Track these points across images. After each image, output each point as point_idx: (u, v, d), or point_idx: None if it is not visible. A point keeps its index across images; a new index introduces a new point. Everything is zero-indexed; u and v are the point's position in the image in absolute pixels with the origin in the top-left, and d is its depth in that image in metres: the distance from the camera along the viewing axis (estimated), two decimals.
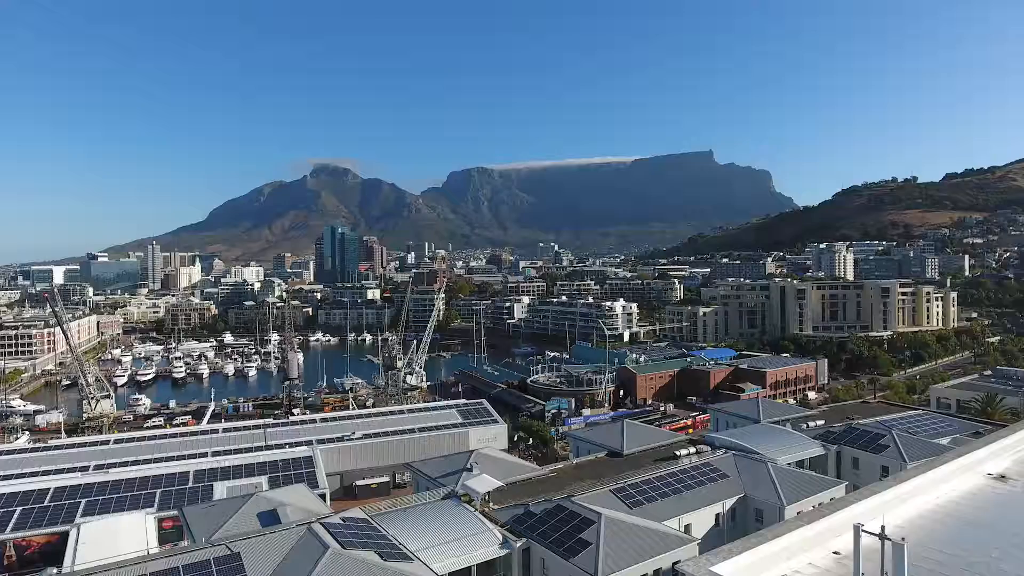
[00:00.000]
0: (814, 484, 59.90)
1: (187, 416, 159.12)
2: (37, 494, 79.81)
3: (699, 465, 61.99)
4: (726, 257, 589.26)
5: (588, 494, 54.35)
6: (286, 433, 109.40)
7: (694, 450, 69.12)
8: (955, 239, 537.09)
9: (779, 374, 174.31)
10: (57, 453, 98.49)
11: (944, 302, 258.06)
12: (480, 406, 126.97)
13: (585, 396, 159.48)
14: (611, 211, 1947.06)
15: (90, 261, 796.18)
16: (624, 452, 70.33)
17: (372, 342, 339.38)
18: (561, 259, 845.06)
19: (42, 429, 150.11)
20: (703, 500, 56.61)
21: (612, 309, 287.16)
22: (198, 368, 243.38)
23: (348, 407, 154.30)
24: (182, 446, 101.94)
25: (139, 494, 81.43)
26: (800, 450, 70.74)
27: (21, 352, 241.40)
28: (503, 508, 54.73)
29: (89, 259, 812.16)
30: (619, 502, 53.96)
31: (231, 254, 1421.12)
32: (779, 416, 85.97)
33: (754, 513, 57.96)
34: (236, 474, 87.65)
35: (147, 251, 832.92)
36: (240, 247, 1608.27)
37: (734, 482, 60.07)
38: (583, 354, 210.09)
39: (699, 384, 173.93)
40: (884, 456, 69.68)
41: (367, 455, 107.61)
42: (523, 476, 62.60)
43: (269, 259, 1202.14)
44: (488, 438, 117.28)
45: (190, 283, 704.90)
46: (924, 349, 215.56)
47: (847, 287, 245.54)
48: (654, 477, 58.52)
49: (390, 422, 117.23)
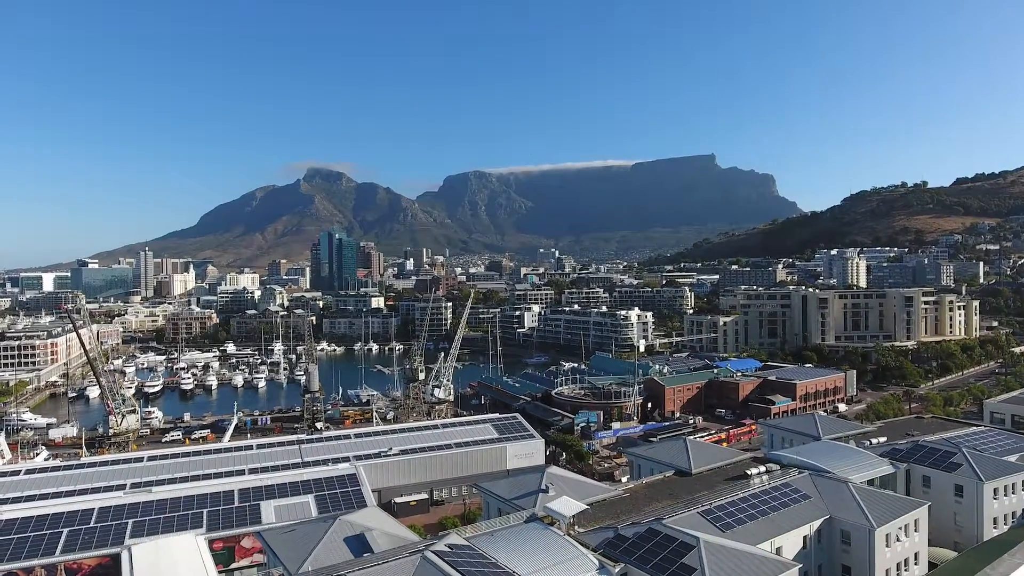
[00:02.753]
0: (898, 505, 60.17)
1: (206, 431, 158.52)
2: (82, 514, 79.54)
3: (779, 486, 62.23)
4: (735, 264, 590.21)
5: (677, 516, 54.51)
6: (322, 449, 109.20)
7: (763, 469, 69.46)
8: (968, 245, 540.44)
9: (808, 386, 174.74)
10: (91, 471, 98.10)
11: (966, 311, 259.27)
12: (514, 420, 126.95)
13: (613, 409, 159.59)
14: (611, 216, 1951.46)
15: (81, 268, 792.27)
16: (693, 471, 70.58)
17: (379, 352, 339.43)
18: (564, 265, 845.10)
19: (58, 443, 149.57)
20: (791, 522, 56.83)
21: (627, 318, 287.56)
22: (206, 379, 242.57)
23: (372, 420, 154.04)
24: (218, 463, 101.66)
25: (186, 514, 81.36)
26: (870, 468, 70.97)
27: (24, 363, 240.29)
28: (589, 531, 54.88)
29: (80, 266, 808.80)
30: (709, 524, 54.15)
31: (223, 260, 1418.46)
32: (839, 432, 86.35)
33: (840, 535, 58.18)
34: (282, 493, 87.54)
35: (139, 258, 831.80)
36: (232, 253, 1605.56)
37: (816, 503, 60.32)
38: (603, 365, 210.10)
39: (727, 396, 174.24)
40: (958, 475, 70.15)
41: (405, 471, 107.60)
42: (598, 497, 62.74)
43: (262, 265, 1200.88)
44: (525, 454, 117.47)
45: (185, 290, 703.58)
46: (950, 359, 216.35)
47: (869, 296, 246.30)
48: (739, 498, 58.75)
49: (425, 437, 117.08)
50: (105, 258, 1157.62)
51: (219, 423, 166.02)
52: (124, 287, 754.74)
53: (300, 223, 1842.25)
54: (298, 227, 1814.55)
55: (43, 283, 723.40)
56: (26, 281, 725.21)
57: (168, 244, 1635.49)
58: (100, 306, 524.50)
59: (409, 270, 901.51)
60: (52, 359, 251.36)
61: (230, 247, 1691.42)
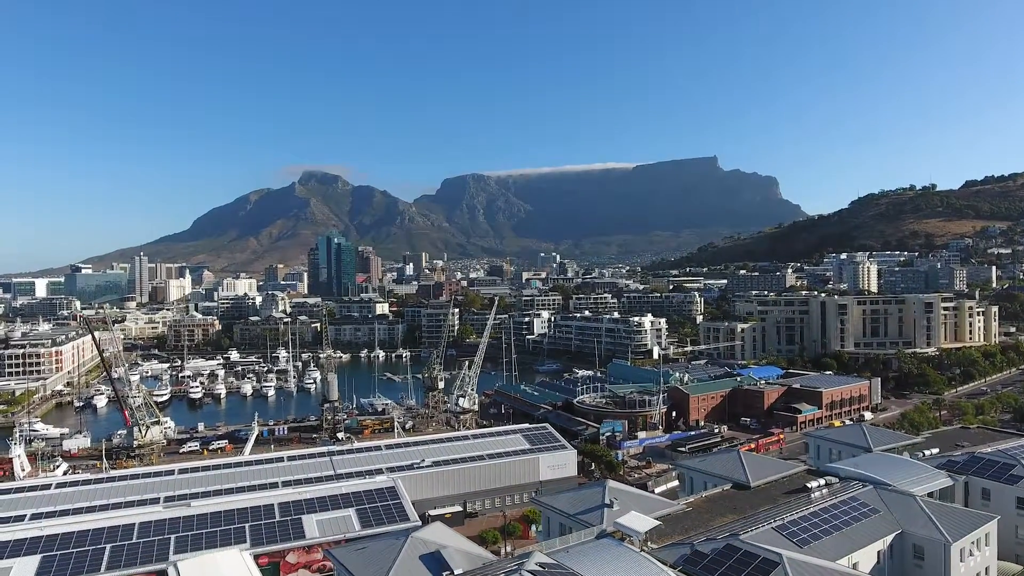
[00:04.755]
0: (968, 519, 60.57)
1: (223, 441, 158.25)
2: (123, 530, 79.53)
3: (847, 499, 62.59)
4: (743, 268, 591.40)
5: (752, 532, 54.79)
6: (354, 461, 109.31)
7: (823, 482, 69.81)
8: (979, 249, 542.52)
9: (834, 394, 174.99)
10: (122, 484, 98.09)
11: (985, 317, 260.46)
12: (545, 431, 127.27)
13: (638, 418, 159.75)
14: (612, 219, 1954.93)
15: (75, 273, 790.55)
16: (751, 484, 70.86)
17: (386, 359, 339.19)
18: (566, 270, 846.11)
19: (73, 455, 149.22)
20: (865, 537, 57.18)
21: (641, 325, 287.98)
22: (215, 388, 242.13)
23: (393, 430, 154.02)
24: (251, 476, 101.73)
25: (228, 528, 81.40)
26: (929, 481, 71.35)
27: (29, 372, 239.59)
28: (663, 547, 55.11)
29: (73, 271, 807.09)
30: (786, 540, 54.43)
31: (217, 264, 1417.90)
32: (890, 444, 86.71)
33: (912, 550, 58.54)
34: (322, 506, 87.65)
35: (134, 262, 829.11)
36: (225, 257, 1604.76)
37: (886, 517, 60.67)
38: (622, 373, 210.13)
39: (752, 405, 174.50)
40: (1020, 487, 70.54)
41: (439, 484, 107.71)
42: (663, 511, 62.94)
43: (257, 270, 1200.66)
44: (558, 465, 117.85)
45: (182, 296, 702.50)
46: (973, 366, 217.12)
47: (888, 302, 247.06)
48: (809, 512, 59.11)
49: (457, 448, 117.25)
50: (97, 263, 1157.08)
51: (236, 433, 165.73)
52: (118, 293, 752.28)
53: (295, 227, 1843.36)
54: (293, 231, 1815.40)
55: (36, 289, 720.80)
56: (18, 287, 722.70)
57: (161, 248, 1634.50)
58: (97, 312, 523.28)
59: (409, 275, 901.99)
60: (57, 367, 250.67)
61: (224, 251, 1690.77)
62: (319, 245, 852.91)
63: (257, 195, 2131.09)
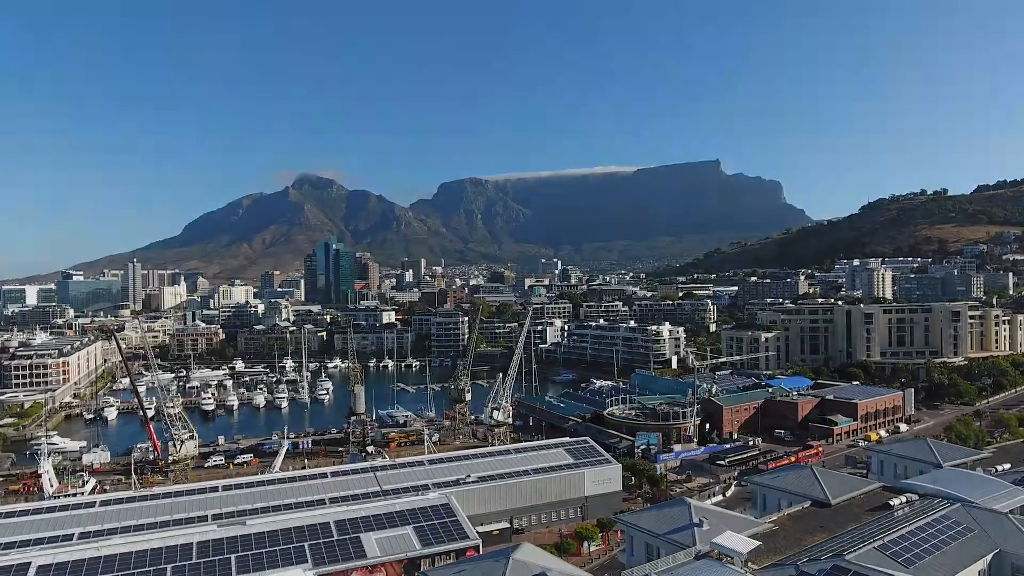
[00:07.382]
0: None
1: (248, 455, 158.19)
2: (182, 549, 79.56)
3: (939, 518, 63.01)
4: (752, 275, 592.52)
5: (857, 553, 55.14)
6: (398, 477, 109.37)
7: (904, 499, 70.36)
8: (994, 255, 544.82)
9: (868, 405, 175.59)
10: (167, 502, 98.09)
11: (1011, 325, 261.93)
12: (587, 445, 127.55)
13: (672, 430, 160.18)
14: (612, 224, 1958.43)
15: (66, 280, 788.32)
16: (832, 502, 71.33)
17: (396, 368, 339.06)
18: (570, 277, 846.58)
19: (95, 469, 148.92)
20: (966, 557, 57.57)
21: (659, 334, 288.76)
22: (226, 400, 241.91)
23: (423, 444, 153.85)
24: (297, 492, 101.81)
25: (287, 547, 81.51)
26: (1010, 497, 71.89)
27: (36, 383, 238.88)
28: (765, 568, 55.50)
29: (64, 278, 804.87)
30: (890, 560, 54.79)
31: (209, 271, 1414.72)
32: (959, 459, 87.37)
33: (1011, 568, 58.99)
34: (379, 524, 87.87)
35: (126, 269, 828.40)
36: (218, 263, 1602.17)
37: (981, 536, 61.12)
38: (647, 384, 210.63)
39: (785, 416, 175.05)
40: None
41: (486, 499, 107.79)
42: (751, 531, 63.29)
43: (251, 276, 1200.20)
44: (603, 479, 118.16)
45: (175, 303, 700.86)
46: (1003, 376, 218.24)
47: (915, 310, 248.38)
48: (907, 531, 59.51)
49: (500, 463, 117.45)
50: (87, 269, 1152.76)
51: (260, 447, 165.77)
52: (111, 300, 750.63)
53: (289, 232, 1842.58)
54: (287, 236, 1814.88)
55: (26, 296, 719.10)
56: (9, 294, 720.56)
57: (151, 254, 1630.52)
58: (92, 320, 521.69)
59: (408, 282, 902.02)
60: (64, 379, 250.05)
61: (216, 257, 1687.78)
62: (316, 251, 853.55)
63: (249, 200, 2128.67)
